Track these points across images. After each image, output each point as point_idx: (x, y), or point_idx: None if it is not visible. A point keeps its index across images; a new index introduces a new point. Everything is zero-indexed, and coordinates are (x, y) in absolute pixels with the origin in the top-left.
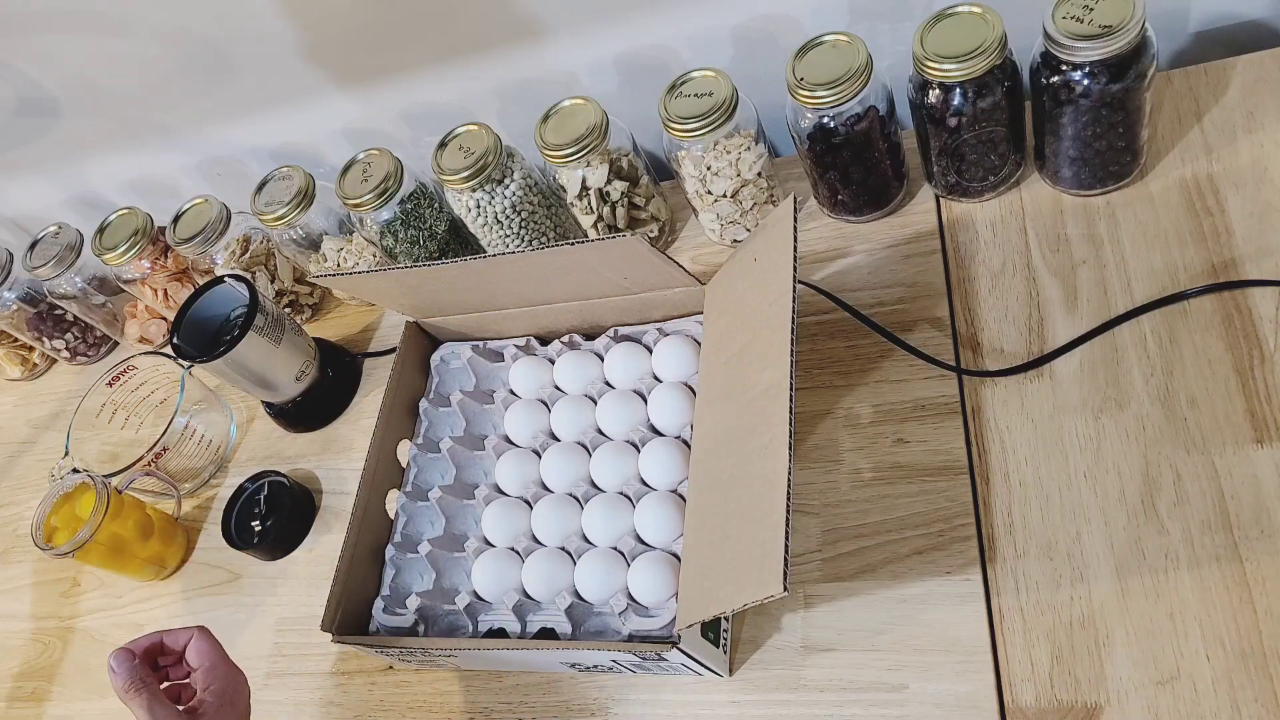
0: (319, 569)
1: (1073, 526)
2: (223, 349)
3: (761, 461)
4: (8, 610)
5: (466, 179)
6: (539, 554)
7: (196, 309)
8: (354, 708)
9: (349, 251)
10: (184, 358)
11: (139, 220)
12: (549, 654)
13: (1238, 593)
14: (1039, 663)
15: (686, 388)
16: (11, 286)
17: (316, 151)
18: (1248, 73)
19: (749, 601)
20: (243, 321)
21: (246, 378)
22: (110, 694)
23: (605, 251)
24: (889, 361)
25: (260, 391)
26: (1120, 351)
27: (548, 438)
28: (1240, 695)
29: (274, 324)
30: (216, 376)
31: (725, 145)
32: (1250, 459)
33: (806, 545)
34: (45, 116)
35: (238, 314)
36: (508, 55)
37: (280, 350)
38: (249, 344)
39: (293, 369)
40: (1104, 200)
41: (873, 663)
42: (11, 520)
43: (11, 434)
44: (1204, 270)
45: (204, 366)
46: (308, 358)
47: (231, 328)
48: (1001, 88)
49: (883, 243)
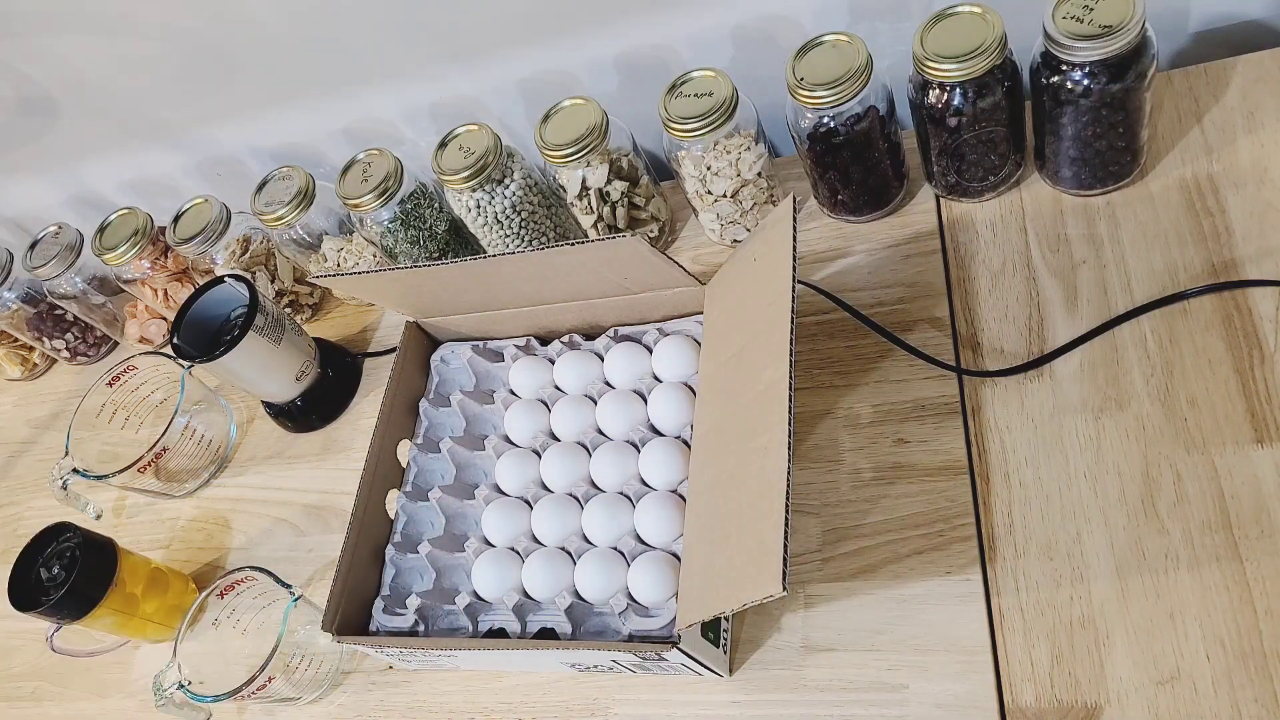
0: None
1: (1073, 526)
2: (222, 349)
3: (761, 461)
4: (7, 610)
5: (466, 179)
6: (539, 554)
7: (196, 309)
8: (354, 708)
9: (349, 251)
10: (184, 358)
11: (139, 220)
12: (549, 654)
13: (1238, 593)
14: (1039, 663)
15: (686, 388)
16: (11, 286)
17: (316, 151)
18: (1248, 73)
19: (749, 601)
20: (243, 321)
21: (246, 378)
22: (110, 694)
23: (605, 252)
24: (889, 361)
25: (260, 391)
26: (1120, 351)
27: (548, 438)
28: (1240, 695)
29: (274, 324)
30: (217, 376)
31: (725, 145)
32: (1250, 459)
33: (806, 545)
34: (45, 116)
35: (238, 314)
36: (508, 55)
37: (280, 350)
38: (249, 344)
39: (293, 369)
40: (1104, 200)
41: (873, 663)
42: (11, 520)
43: (11, 434)
44: (1204, 270)
45: (204, 366)
46: (308, 358)
47: (232, 328)
48: (1001, 88)
49: (883, 243)
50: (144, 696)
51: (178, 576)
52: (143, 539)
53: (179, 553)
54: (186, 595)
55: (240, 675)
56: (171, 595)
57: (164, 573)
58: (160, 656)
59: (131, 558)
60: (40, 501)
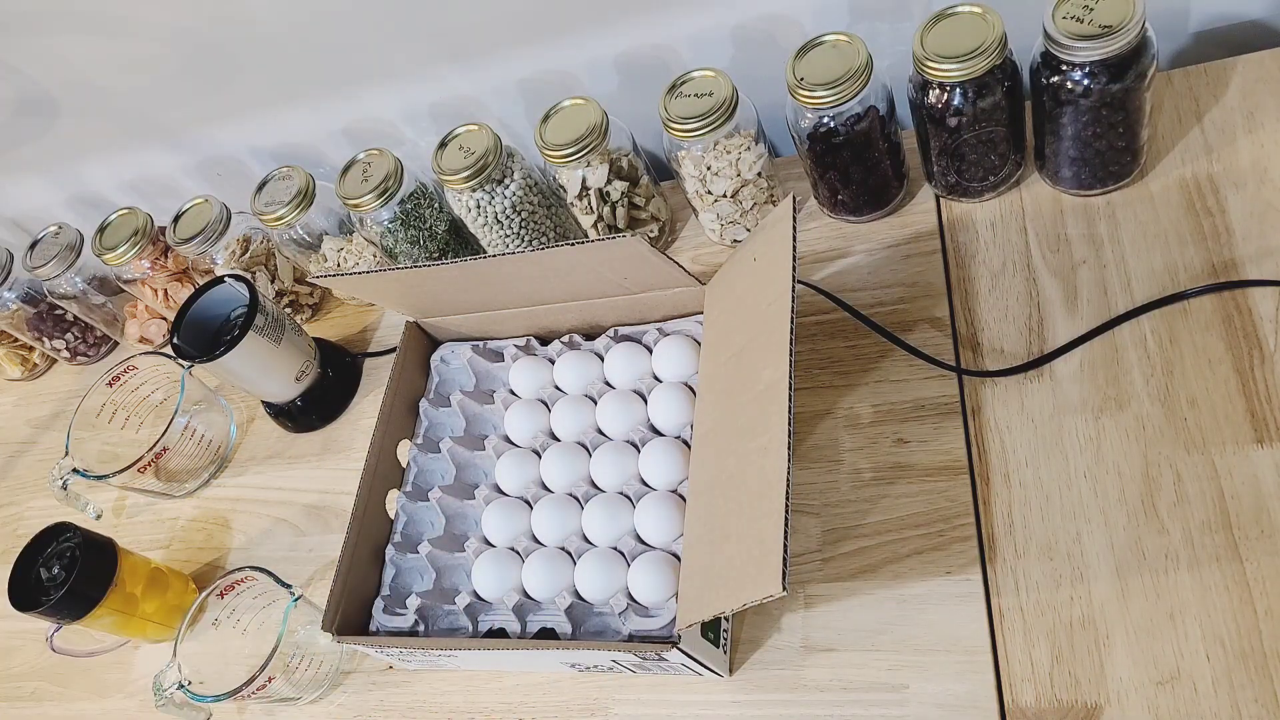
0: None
1: (1073, 526)
2: (222, 349)
3: (761, 461)
4: (7, 610)
5: (466, 179)
6: (539, 554)
7: (196, 309)
8: (354, 708)
9: (349, 251)
10: (184, 358)
11: (139, 220)
12: (549, 654)
13: (1238, 593)
14: (1039, 663)
15: (686, 388)
16: (11, 286)
17: (316, 151)
18: (1248, 73)
19: (749, 601)
20: (243, 321)
21: (247, 377)
22: (110, 694)
23: (605, 252)
24: (889, 361)
25: (261, 391)
26: (1120, 351)
27: (548, 438)
28: (1240, 695)
29: (274, 324)
30: (217, 376)
31: (725, 145)
32: (1250, 459)
33: (806, 545)
34: (45, 116)
35: (238, 314)
36: (508, 55)
37: (280, 350)
38: (249, 344)
39: (293, 369)
40: (1104, 200)
41: (873, 663)
42: (11, 520)
43: (11, 434)
44: (1204, 270)
45: (204, 366)
46: (308, 358)
47: (232, 328)
48: (1001, 88)
49: (883, 243)
50: (144, 696)
51: (178, 576)
52: (143, 539)
53: (179, 553)
54: (186, 595)
55: (240, 675)
56: (171, 595)
57: (164, 572)
58: (160, 656)
59: (131, 558)
60: (40, 501)
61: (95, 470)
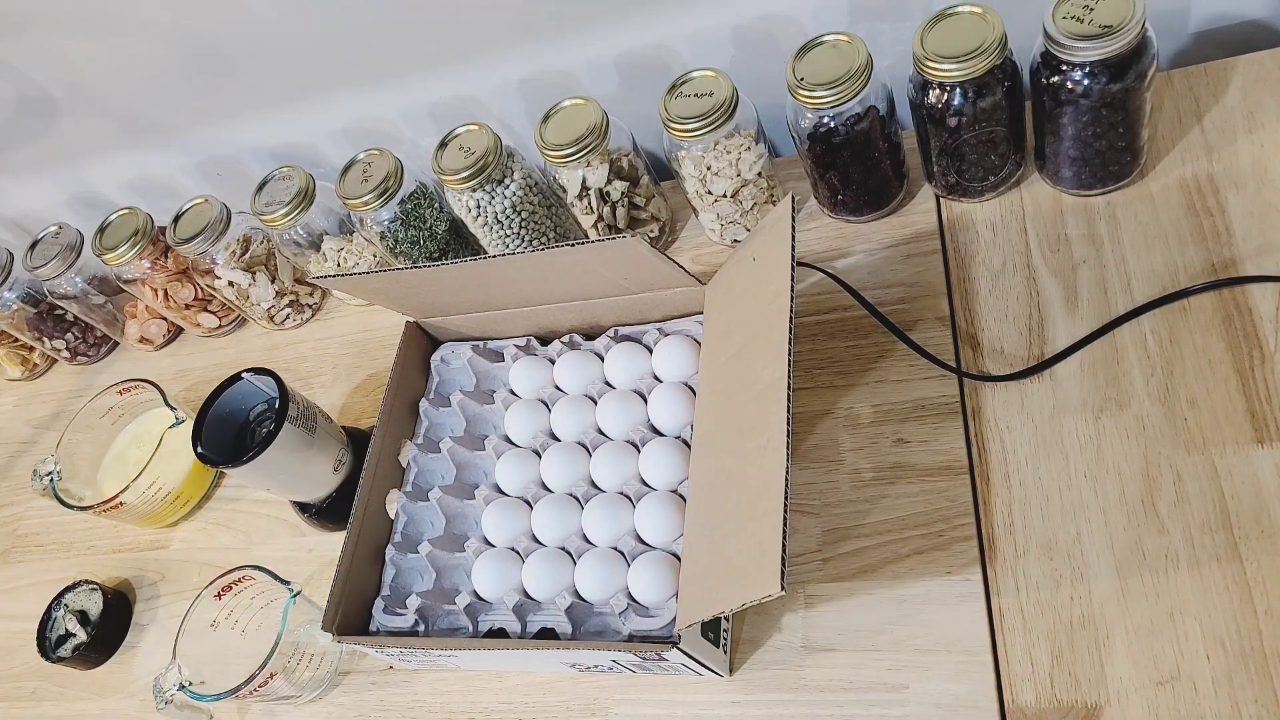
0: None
1: (1073, 526)
2: (257, 447)
3: (760, 461)
4: (7, 610)
5: (466, 179)
6: (539, 554)
7: (214, 413)
8: (354, 708)
9: (349, 251)
10: (212, 465)
11: (139, 220)
12: (549, 654)
13: (1238, 593)
14: (1039, 663)
15: (686, 388)
16: (11, 286)
17: (316, 151)
18: (1248, 73)
19: (749, 601)
20: (276, 414)
21: (283, 477)
22: (110, 694)
23: (605, 252)
24: (889, 361)
25: (298, 490)
26: (1120, 351)
27: (548, 438)
28: (1240, 695)
29: (305, 413)
30: (249, 482)
31: (725, 145)
32: (1250, 459)
33: (806, 545)
34: (45, 116)
35: (258, 411)
36: (508, 55)
37: (316, 439)
38: (286, 437)
39: (330, 458)
40: (1104, 200)
41: (873, 663)
42: (11, 520)
43: (11, 434)
44: (1204, 270)
45: (239, 471)
46: (341, 445)
47: (256, 426)
48: (1001, 88)
49: (883, 243)
50: (144, 697)
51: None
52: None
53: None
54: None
55: (240, 675)
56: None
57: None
58: (160, 657)
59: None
60: (40, 501)
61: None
